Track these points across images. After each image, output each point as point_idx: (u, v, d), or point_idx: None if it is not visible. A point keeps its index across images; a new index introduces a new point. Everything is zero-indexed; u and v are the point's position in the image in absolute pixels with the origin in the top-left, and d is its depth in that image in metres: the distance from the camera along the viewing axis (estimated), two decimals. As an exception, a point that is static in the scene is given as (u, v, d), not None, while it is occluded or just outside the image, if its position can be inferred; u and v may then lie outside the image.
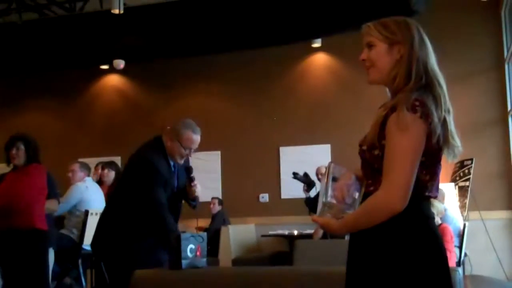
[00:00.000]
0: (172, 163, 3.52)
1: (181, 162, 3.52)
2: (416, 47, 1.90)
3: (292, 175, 7.30)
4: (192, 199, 3.49)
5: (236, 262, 7.75)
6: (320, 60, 9.27)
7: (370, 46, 1.96)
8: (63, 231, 5.51)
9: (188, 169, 3.49)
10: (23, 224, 4.21)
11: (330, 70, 9.20)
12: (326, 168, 2.03)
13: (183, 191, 3.54)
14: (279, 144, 9.11)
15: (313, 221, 2.00)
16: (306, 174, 7.30)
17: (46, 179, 4.36)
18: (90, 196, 5.66)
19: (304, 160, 8.51)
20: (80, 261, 5.33)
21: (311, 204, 7.28)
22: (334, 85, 9.09)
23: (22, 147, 4.19)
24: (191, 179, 3.46)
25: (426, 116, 1.80)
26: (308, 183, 7.26)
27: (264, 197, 8.99)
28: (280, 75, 9.31)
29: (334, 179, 1.98)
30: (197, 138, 3.60)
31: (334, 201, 1.94)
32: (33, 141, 4.40)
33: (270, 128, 9.16)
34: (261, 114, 9.26)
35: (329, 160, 8.53)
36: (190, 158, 3.56)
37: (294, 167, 7.80)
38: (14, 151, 4.24)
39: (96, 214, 5.11)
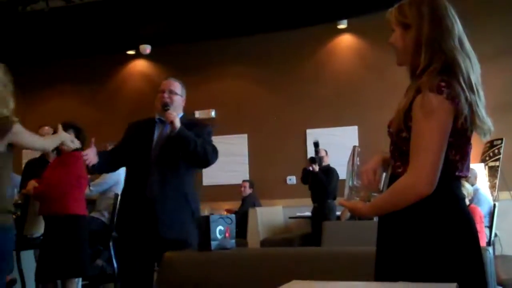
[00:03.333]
0: (157, 120, 3.55)
1: (161, 110, 3.49)
2: (425, 29, 1.87)
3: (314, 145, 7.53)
4: (171, 127, 3.40)
5: (264, 243, 7.80)
6: (346, 42, 9.20)
7: (392, 30, 1.97)
8: (94, 213, 5.62)
9: (164, 105, 3.50)
10: (59, 210, 4.35)
11: (356, 51, 9.13)
12: (352, 151, 2.04)
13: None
14: (306, 127, 9.10)
15: (339, 204, 2.01)
16: (316, 144, 7.48)
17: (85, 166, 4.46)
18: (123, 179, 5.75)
19: (331, 142, 8.48)
20: (111, 243, 5.43)
21: (303, 175, 7.63)
22: (360, 67, 9.03)
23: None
24: (165, 109, 3.46)
25: (452, 97, 1.78)
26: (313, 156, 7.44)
27: (292, 179, 9.00)
28: (306, 57, 9.27)
29: (359, 163, 1.99)
30: (169, 80, 3.72)
31: (360, 185, 1.95)
32: (83, 130, 4.52)
33: (297, 110, 9.14)
34: (288, 96, 9.25)
35: (356, 142, 8.55)
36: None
37: (321, 148, 7.81)
38: None
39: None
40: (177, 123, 3.36)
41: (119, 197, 5.43)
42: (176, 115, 3.42)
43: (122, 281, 3.61)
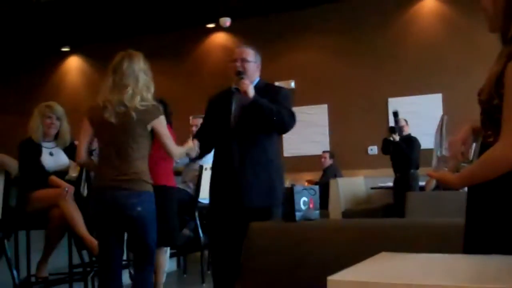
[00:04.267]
0: (234, 90, 3.53)
1: (236, 78, 3.48)
2: None
3: (393, 115, 7.42)
4: (245, 95, 3.38)
5: (346, 214, 7.80)
6: (429, 6, 8.89)
7: None
8: (180, 185, 5.79)
9: (238, 73, 3.47)
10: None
11: (440, 16, 8.81)
12: (440, 121, 1.99)
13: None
14: (387, 95, 8.94)
15: (428, 175, 1.98)
16: (395, 113, 7.37)
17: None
18: None
19: (414, 111, 8.30)
20: (196, 213, 5.59)
21: (384, 145, 7.60)
22: (444, 32, 8.72)
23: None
24: (240, 77, 3.44)
25: None
26: (393, 126, 7.35)
27: (373, 150, 8.90)
28: (388, 24, 9.05)
29: (447, 133, 1.94)
30: (239, 47, 3.65)
31: (449, 155, 1.91)
32: (168, 105, 4.65)
33: (378, 79, 8.98)
34: (369, 65, 9.09)
35: (440, 110, 8.31)
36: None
37: (404, 117, 7.65)
38: None
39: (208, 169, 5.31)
40: (251, 92, 3.36)
41: (203, 169, 5.59)
42: (249, 83, 3.40)
43: (213, 251, 3.69)
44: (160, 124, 3.43)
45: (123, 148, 3.31)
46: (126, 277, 4.89)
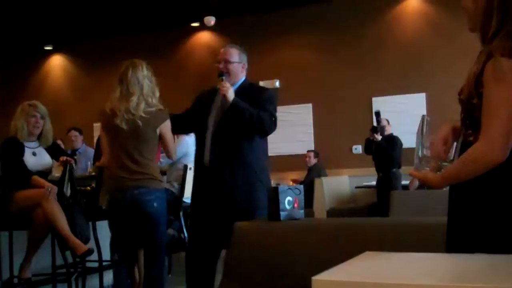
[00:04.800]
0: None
1: (218, 79, 3.49)
2: None
3: (375, 114, 7.44)
4: (225, 99, 3.39)
5: (330, 213, 7.82)
6: (413, 6, 8.95)
7: None
8: (165, 185, 5.76)
9: (220, 74, 3.50)
10: None
11: (423, 15, 8.88)
12: (421, 121, 2.00)
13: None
14: (371, 95, 8.97)
15: (410, 175, 1.98)
16: (377, 113, 7.39)
17: None
18: (193, 151, 5.84)
19: (398, 110, 8.35)
20: (181, 213, 5.57)
21: (366, 145, 7.63)
22: (428, 32, 8.78)
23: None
24: (221, 78, 3.46)
25: None
26: (375, 126, 7.37)
27: (357, 149, 8.93)
28: (371, 24, 9.09)
29: (429, 132, 1.95)
30: (222, 49, 3.68)
31: (430, 155, 1.92)
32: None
33: (362, 79, 9.02)
34: (353, 64, 9.12)
35: (424, 109, 8.36)
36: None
37: (388, 117, 7.68)
38: None
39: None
40: (230, 96, 3.35)
41: (188, 168, 5.56)
42: (229, 87, 3.39)
43: (189, 250, 3.70)
44: (166, 128, 3.63)
45: (136, 152, 3.53)
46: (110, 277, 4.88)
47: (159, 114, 3.59)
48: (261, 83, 9.61)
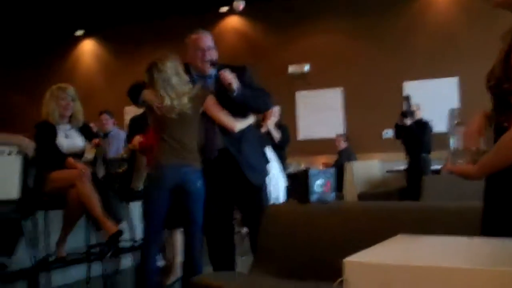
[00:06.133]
0: (194, 75, 3.59)
1: (206, 67, 3.55)
2: None
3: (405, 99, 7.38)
4: (228, 89, 3.39)
5: (361, 197, 7.79)
6: (446, -12, 8.80)
7: None
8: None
9: (212, 63, 3.52)
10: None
11: (458, -2, 8.72)
12: (449, 114, 1.96)
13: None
14: (402, 79, 8.87)
15: (445, 170, 1.94)
16: (407, 98, 7.32)
17: None
18: None
19: (429, 95, 8.23)
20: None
21: (396, 130, 7.60)
22: (461, 14, 8.62)
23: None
24: (215, 67, 3.49)
25: None
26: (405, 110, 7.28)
27: (388, 133, 8.86)
28: (403, 7, 8.97)
29: (460, 124, 1.91)
30: (203, 35, 3.65)
31: (463, 147, 1.87)
32: None
33: (393, 63, 8.92)
34: (383, 48, 9.02)
35: (456, 94, 8.24)
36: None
37: (419, 101, 7.59)
38: None
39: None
40: (235, 84, 3.36)
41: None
42: (233, 76, 3.38)
43: (206, 229, 3.75)
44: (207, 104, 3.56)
45: (186, 136, 3.54)
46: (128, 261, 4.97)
47: (196, 97, 3.55)
48: (290, 68, 9.59)
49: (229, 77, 3.36)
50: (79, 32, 11.49)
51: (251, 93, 3.46)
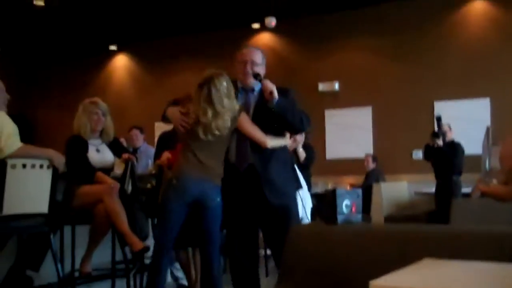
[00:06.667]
0: (241, 90, 3.61)
1: (249, 80, 3.55)
2: None
3: (436, 119, 7.24)
4: (268, 99, 3.39)
5: (388, 219, 7.69)
6: (479, 8, 8.71)
7: None
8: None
9: (255, 75, 3.51)
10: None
11: (491, 18, 8.63)
12: (485, 133, 1.94)
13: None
14: (433, 98, 8.79)
15: (479, 190, 1.92)
16: (439, 118, 7.19)
17: None
18: None
19: (460, 116, 8.13)
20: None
21: (426, 151, 7.43)
22: (493, 33, 8.54)
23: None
24: (258, 79, 3.48)
25: None
26: (436, 131, 7.18)
27: (418, 154, 8.76)
28: (433, 26, 8.92)
29: (494, 144, 1.88)
30: (248, 49, 3.70)
31: (497, 167, 1.85)
32: None
33: (423, 82, 8.85)
34: (414, 67, 8.97)
35: (488, 115, 8.12)
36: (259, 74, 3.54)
37: (450, 122, 7.49)
38: None
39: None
40: (276, 93, 3.39)
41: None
42: (272, 84, 3.43)
43: (231, 254, 3.70)
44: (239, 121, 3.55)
45: (215, 156, 3.55)
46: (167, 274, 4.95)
47: (232, 118, 3.54)
48: (320, 85, 9.58)
49: (271, 85, 3.41)
50: (112, 47, 11.69)
51: (291, 107, 3.47)
